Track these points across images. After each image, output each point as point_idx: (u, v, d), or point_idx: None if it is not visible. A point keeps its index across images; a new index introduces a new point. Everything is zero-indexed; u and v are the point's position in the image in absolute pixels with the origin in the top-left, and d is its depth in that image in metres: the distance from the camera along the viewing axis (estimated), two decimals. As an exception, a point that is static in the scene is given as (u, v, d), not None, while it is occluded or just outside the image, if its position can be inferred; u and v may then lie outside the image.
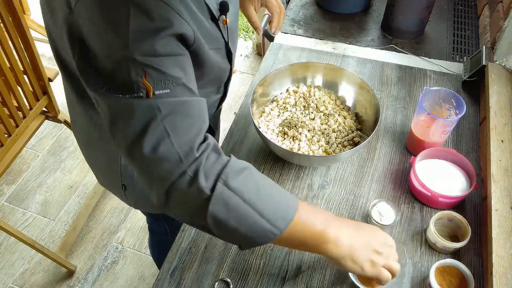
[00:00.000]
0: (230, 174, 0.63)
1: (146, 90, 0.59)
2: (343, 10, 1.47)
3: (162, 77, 0.60)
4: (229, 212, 0.63)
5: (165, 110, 0.61)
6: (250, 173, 0.67)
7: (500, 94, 1.05)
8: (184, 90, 0.63)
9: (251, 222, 0.64)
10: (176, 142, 0.61)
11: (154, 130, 0.61)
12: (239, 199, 0.63)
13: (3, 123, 1.45)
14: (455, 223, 0.87)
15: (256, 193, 0.65)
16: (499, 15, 1.24)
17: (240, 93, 2.51)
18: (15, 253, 1.89)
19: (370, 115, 1.02)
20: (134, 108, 0.60)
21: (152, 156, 0.61)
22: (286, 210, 0.66)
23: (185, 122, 0.63)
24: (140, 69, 0.58)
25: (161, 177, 0.63)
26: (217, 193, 0.62)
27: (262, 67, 1.27)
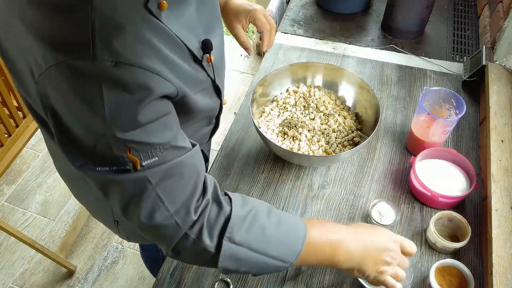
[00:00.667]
0: (234, 227, 0.63)
1: (133, 163, 0.56)
2: (343, 10, 1.47)
3: (148, 148, 0.56)
4: (239, 263, 0.64)
5: (156, 179, 0.58)
6: (254, 216, 0.65)
7: (500, 94, 1.05)
8: (174, 152, 0.60)
9: (261, 264, 0.66)
10: (171, 208, 0.60)
11: (147, 201, 0.58)
12: (246, 251, 0.64)
13: (3, 123, 1.45)
14: (455, 223, 0.87)
15: (262, 238, 0.65)
16: (499, 15, 1.24)
17: (240, 93, 2.51)
18: (15, 253, 1.89)
19: (370, 115, 1.02)
20: (123, 183, 0.58)
21: (149, 224, 0.60)
22: (295, 245, 0.67)
23: (179, 184, 0.60)
24: (122, 145, 0.55)
25: (163, 240, 0.63)
26: (223, 251, 0.62)
27: (262, 67, 1.27)
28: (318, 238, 0.69)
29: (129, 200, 0.59)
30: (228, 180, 0.99)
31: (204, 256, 0.63)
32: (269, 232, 0.65)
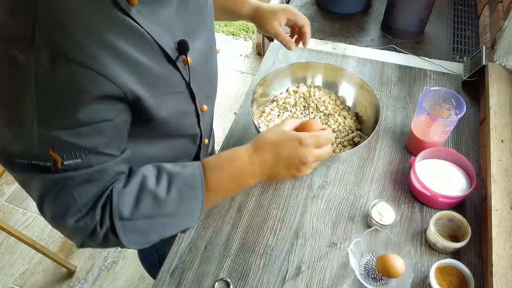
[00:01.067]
0: (121, 206, 0.62)
1: (54, 161, 0.55)
2: (343, 10, 1.47)
3: (72, 149, 0.55)
4: (144, 233, 0.64)
5: (75, 182, 0.57)
6: (140, 187, 0.64)
7: (500, 94, 1.05)
8: (99, 157, 0.59)
9: (170, 225, 0.66)
10: (83, 209, 0.60)
11: (62, 201, 0.58)
12: (143, 221, 0.63)
13: (3, 123, 1.45)
14: (455, 223, 0.87)
15: (155, 204, 0.64)
16: (499, 15, 1.24)
17: (240, 93, 2.51)
18: (15, 253, 1.89)
19: (370, 115, 1.02)
20: (41, 181, 0.57)
21: (62, 224, 0.60)
22: (195, 195, 0.66)
23: (96, 188, 0.60)
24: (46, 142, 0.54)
25: (72, 237, 0.63)
26: (119, 229, 0.62)
27: (262, 67, 1.27)
28: (219, 178, 0.68)
29: (44, 198, 0.58)
30: (228, 180, 0.99)
31: (108, 240, 0.63)
32: (161, 195, 0.64)
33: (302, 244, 0.88)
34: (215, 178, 0.67)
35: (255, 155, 0.68)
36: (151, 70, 0.61)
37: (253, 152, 0.69)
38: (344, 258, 0.86)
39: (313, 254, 0.87)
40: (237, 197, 0.96)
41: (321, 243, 0.88)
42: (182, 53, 0.65)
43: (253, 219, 0.93)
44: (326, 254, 0.87)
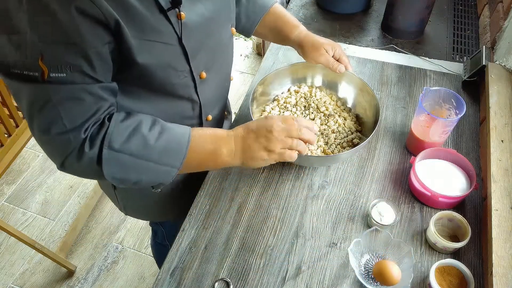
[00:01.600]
0: (113, 137, 0.68)
1: (42, 71, 0.61)
2: (343, 10, 1.47)
3: (58, 62, 0.61)
4: (126, 170, 0.71)
5: (58, 96, 0.63)
6: (135, 128, 0.71)
7: (500, 94, 1.05)
8: (83, 77, 0.64)
9: (149, 171, 0.73)
10: (68, 125, 0.65)
11: (47, 113, 0.64)
12: (129, 157, 0.70)
13: (3, 123, 1.45)
14: (455, 223, 0.87)
15: (143, 147, 0.70)
16: (499, 15, 1.24)
17: (240, 93, 2.51)
18: (15, 253, 1.89)
19: (370, 116, 1.02)
20: (30, 91, 0.63)
21: (45, 135, 0.66)
22: (178, 148, 0.74)
23: (80, 107, 0.65)
24: (36, 51, 0.60)
25: (54, 153, 0.69)
26: (105, 157, 0.68)
27: (262, 67, 1.27)
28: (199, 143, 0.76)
29: (32, 109, 0.64)
30: (228, 180, 0.99)
31: (90, 167, 0.69)
32: (150, 141, 0.71)
33: (302, 244, 0.88)
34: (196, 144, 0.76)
35: (231, 132, 0.79)
36: (140, 13, 0.65)
37: (230, 130, 0.80)
38: (344, 258, 0.86)
39: (313, 254, 0.87)
40: (237, 197, 0.96)
41: (321, 243, 0.88)
42: (174, 5, 0.69)
43: (253, 219, 0.93)
44: (326, 254, 0.87)
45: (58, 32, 0.60)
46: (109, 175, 0.70)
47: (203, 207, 0.95)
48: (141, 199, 1.03)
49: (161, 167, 0.73)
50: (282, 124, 0.77)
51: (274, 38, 1.07)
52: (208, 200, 0.96)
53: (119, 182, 0.73)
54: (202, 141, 0.77)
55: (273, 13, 1.03)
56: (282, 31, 1.03)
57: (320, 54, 0.99)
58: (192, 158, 0.76)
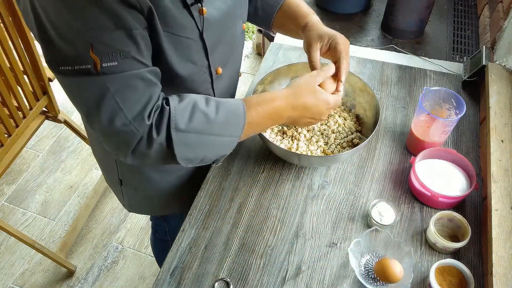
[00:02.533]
0: (177, 118, 0.69)
1: (94, 62, 0.61)
2: (343, 10, 1.47)
3: (109, 49, 0.62)
4: (194, 148, 0.72)
5: (115, 85, 0.64)
6: (193, 106, 0.72)
7: (500, 94, 1.05)
8: (133, 63, 0.65)
9: (214, 144, 0.75)
10: (129, 114, 0.66)
11: (107, 105, 0.64)
12: (195, 135, 0.71)
13: (3, 123, 1.45)
14: (455, 223, 0.87)
15: (206, 122, 0.72)
16: (499, 15, 1.24)
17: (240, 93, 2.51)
18: (15, 253, 1.89)
19: (370, 116, 1.02)
20: (85, 85, 0.64)
21: (109, 128, 0.66)
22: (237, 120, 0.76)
23: (135, 94, 0.66)
24: (85, 41, 0.60)
25: (121, 145, 0.69)
26: (174, 141, 0.69)
27: (262, 67, 1.27)
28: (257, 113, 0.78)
29: (91, 104, 0.65)
30: (228, 180, 0.99)
31: (161, 153, 0.70)
32: (211, 115, 0.73)
33: (302, 244, 0.88)
34: (254, 113, 0.78)
35: (289, 103, 0.81)
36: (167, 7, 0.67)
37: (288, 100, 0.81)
38: (344, 258, 0.86)
39: (313, 254, 0.87)
40: (237, 197, 0.96)
41: (321, 243, 0.88)
42: (198, 0, 0.71)
43: (253, 219, 0.93)
44: (326, 254, 0.87)
45: (103, 19, 0.60)
46: (181, 157, 0.72)
47: (203, 207, 0.95)
48: (146, 193, 1.03)
49: (224, 138, 0.75)
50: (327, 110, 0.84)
51: (291, 29, 0.99)
52: (208, 200, 0.96)
53: (188, 162, 0.74)
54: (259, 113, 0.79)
55: (288, 4, 0.98)
56: (295, 23, 0.96)
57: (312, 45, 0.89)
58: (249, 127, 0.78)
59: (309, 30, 0.91)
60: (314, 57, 0.88)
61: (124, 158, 0.71)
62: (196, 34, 0.74)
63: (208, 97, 0.76)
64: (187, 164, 0.75)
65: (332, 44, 0.87)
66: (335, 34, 0.88)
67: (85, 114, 0.67)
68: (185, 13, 0.70)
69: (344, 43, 0.87)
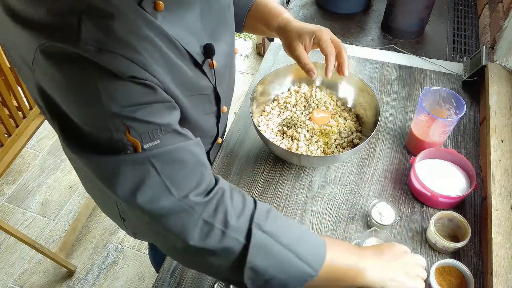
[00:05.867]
0: (261, 216, 0.59)
1: (134, 146, 0.53)
2: (343, 10, 1.47)
3: (148, 128, 0.54)
4: (268, 258, 0.59)
5: (159, 162, 0.55)
6: (275, 213, 0.62)
7: (500, 94, 1.05)
8: (176, 136, 0.57)
9: (289, 267, 0.60)
10: (177, 194, 0.56)
11: (152, 186, 0.55)
12: (275, 243, 0.59)
13: (3, 123, 1.45)
14: (455, 223, 0.87)
15: (288, 234, 0.61)
16: (499, 15, 1.24)
17: (240, 93, 2.51)
18: (15, 253, 1.89)
19: (370, 116, 1.02)
20: (124, 167, 0.54)
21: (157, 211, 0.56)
22: (317, 249, 0.63)
23: (184, 170, 0.57)
24: (120, 124, 0.52)
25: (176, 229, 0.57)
26: (254, 239, 0.57)
27: (262, 67, 1.27)
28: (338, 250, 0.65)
29: (133, 186, 0.55)
30: (228, 180, 0.99)
31: (231, 249, 0.57)
32: (293, 230, 0.62)
33: (302, 244, 0.88)
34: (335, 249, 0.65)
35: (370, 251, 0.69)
36: (183, 72, 0.61)
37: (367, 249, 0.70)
38: (344, 258, 0.86)
39: (313, 254, 0.87)
40: (237, 197, 0.96)
41: (321, 243, 0.88)
42: (208, 56, 0.66)
43: (253, 219, 0.93)
44: (326, 254, 0.87)
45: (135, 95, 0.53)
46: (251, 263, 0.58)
47: (203, 207, 0.95)
48: None
49: (301, 263, 0.60)
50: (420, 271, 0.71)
51: (261, 30, 0.95)
52: (208, 200, 0.96)
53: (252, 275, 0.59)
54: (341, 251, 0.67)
55: (258, 4, 0.93)
56: (266, 21, 0.91)
57: (294, 49, 0.83)
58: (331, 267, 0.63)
59: (286, 31, 0.85)
60: (304, 59, 0.83)
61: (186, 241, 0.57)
62: (210, 89, 0.71)
63: None
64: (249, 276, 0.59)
65: (315, 41, 0.82)
66: (314, 31, 0.82)
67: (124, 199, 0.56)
68: (197, 72, 0.66)
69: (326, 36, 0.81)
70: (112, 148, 0.54)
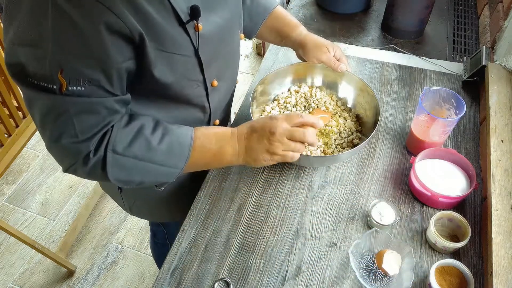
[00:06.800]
0: (117, 141, 0.69)
1: (60, 84, 0.61)
2: (343, 10, 1.47)
3: (78, 75, 0.62)
4: (129, 172, 0.72)
5: (75, 108, 0.64)
6: (138, 131, 0.72)
7: (500, 94, 1.05)
8: (100, 91, 0.65)
9: (153, 172, 0.74)
10: (80, 135, 0.66)
11: (62, 123, 0.65)
12: (133, 160, 0.71)
13: (3, 123, 1.45)
14: (455, 223, 0.87)
15: (147, 149, 0.72)
16: (499, 15, 1.24)
17: (240, 93, 2.51)
18: (15, 253, 1.89)
19: (370, 116, 1.02)
20: (46, 102, 0.63)
21: (56, 143, 0.67)
22: (181, 150, 0.75)
23: (94, 119, 0.66)
24: (57, 64, 0.60)
25: (63, 159, 0.70)
26: (108, 161, 0.69)
27: (262, 67, 1.27)
28: (203, 143, 0.77)
29: (46, 119, 0.65)
30: (228, 180, 0.99)
31: (95, 170, 0.70)
32: (153, 143, 0.72)
33: (302, 244, 0.88)
34: (200, 144, 0.77)
35: (235, 130, 0.80)
36: (160, 26, 0.65)
37: (234, 129, 0.80)
38: (344, 258, 0.86)
39: (313, 254, 0.87)
40: (237, 197, 0.96)
41: (321, 243, 0.88)
42: (193, 18, 0.69)
43: (253, 219, 0.93)
44: (326, 254, 0.87)
45: (83, 48, 0.60)
46: (114, 178, 0.72)
47: (203, 207, 0.95)
48: (147, 200, 1.03)
49: (164, 168, 0.75)
50: (286, 126, 0.76)
51: (275, 39, 1.07)
52: (208, 200, 0.96)
53: (123, 184, 0.74)
54: (207, 142, 0.78)
55: (275, 14, 1.04)
56: (283, 31, 1.03)
57: (322, 53, 1.00)
58: (196, 158, 0.77)
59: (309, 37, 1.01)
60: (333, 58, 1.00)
61: (63, 169, 0.72)
62: (191, 51, 0.73)
63: (158, 123, 0.75)
64: (122, 185, 0.75)
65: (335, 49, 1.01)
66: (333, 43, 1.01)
67: (39, 124, 0.67)
68: (179, 31, 0.69)
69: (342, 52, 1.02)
70: (42, 78, 0.61)
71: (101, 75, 0.63)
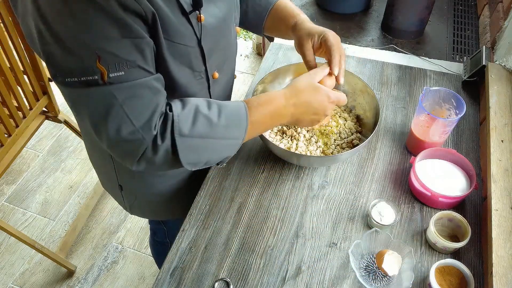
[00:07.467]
0: (181, 124, 0.70)
1: (101, 73, 0.62)
2: (343, 10, 1.47)
3: (115, 60, 0.62)
4: (199, 152, 0.73)
5: (122, 95, 0.64)
6: (195, 111, 0.73)
7: (500, 94, 1.05)
8: (140, 72, 0.66)
9: (219, 148, 0.76)
10: (137, 123, 0.66)
11: (114, 115, 0.65)
12: (198, 139, 0.72)
13: (3, 123, 1.45)
14: (455, 223, 0.87)
15: (209, 125, 0.73)
16: (499, 15, 1.24)
17: (240, 93, 2.51)
18: (15, 253, 1.89)
19: (370, 117, 1.02)
20: (93, 96, 0.64)
21: (117, 137, 0.67)
22: (239, 121, 0.77)
23: (142, 102, 0.67)
24: (92, 53, 0.60)
25: (128, 154, 0.70)
26: (179, 145, 0.70)
27: (262, 67, 1.27)
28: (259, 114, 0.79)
29: (98, 114, 0.65)
30: (228, 180, 0.99)
31: (167, 159, 0.71)
32: (213, 119, 0.74)
33: (302, 244, 0.88)
34: (256, 114, 0.79)
35: (290, 101, 0.81)
36: (167, 16, 0.67)
37: (289, 98, 0.81)
38: (344, 258, 0.86)
39: (313, 254, 0.87)
40: (237, 197, 0.96)
41: (321, 243, 0.88)
42: (196, 8, 0.71)
43: (253, 219, 0.93)
44: (326, 254, 0.87)
45: (109, 29, 0.60)
46: (186, 161, 0.72)
47: (203, 207, 0.95)
48: (147, 198, 1.03)
49: (227, 141, 0.76)
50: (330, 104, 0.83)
51: (280, 32, 1.00)
52: (208, 200, 0.96)
53: (193, 166, 0.75)
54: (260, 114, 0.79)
55: (277, 6, 0.98)
56: (283, 23, 0.96)
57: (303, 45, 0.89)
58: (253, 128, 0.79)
59: (298, 29, 0.91)
60: (309, 55, 0.90)
61: (131, 166, 0.71)
62: (195, 41, 0.75)
63: (210, 101, 0.76)
64: (192, 167, 0.75)
65: (322, 40, 0.88)
66: (324, 30, 0.88)
67: (92, 125, 0.67)
68: (183, 21, 0.71)
69: (334, 38, 0.87)
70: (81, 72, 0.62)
71: (136, 54, 0.64)
